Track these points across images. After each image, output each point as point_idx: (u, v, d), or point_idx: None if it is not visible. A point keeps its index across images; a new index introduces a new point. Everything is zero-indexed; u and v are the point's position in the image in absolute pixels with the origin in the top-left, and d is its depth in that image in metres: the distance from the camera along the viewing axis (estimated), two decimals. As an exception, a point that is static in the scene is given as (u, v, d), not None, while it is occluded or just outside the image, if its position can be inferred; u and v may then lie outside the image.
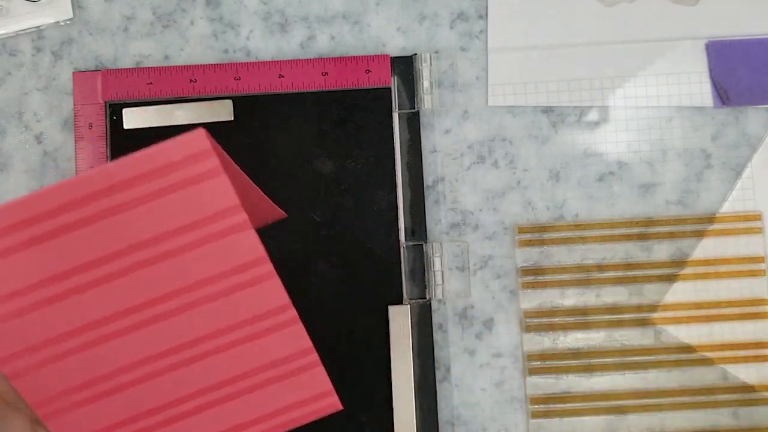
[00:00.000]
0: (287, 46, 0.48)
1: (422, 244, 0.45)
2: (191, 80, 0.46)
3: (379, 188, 0.46)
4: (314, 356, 0.32)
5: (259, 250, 0.31)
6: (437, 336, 0.46)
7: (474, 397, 0.46)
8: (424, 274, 0.45)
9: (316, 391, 0.33)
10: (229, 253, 0.31)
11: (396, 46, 0.48)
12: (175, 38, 0.48)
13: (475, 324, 0.46)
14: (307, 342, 0.32)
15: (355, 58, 0.46)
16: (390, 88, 0.46)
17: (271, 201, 0.38)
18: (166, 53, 0.47)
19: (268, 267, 0.31)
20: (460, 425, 0.46)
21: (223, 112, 0.46)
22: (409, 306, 0.45)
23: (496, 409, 0.46)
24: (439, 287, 0.45)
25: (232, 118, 0.46)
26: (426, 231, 0.46)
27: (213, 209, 0.30)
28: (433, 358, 0.45)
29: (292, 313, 0.32)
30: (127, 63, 0.47)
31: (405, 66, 0.46)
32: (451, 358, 0.46)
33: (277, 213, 0.40)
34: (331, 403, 0.33)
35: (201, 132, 0.29)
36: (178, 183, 0.30)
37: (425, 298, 0.45)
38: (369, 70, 0.46)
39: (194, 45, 0.47)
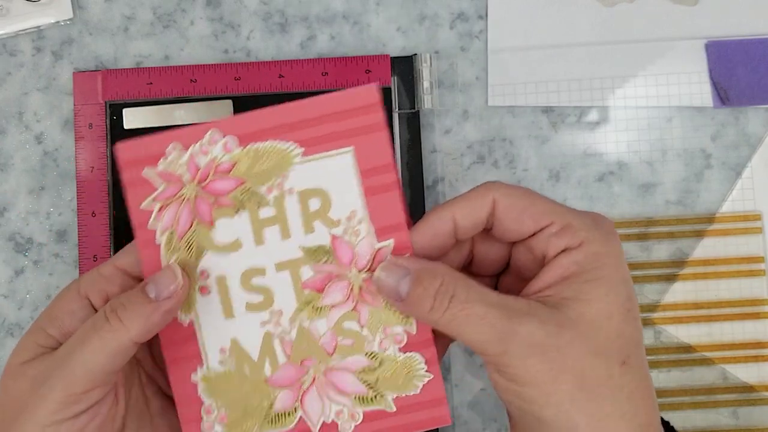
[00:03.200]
0: (287, 46, 0.48)
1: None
2: (191, 80, 0.46)
3: (379, 188, 0.46)
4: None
5: (401, 215, 0.33)
6: (437, 336, 0.46)
7: (474, 397, 0.46)
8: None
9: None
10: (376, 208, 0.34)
11: (396, 46, 0.48)
12: (175, 38, 0.48)
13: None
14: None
15: (355, 58, 0.46)
16: (390, 88, 0.46)
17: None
18: (166, 53, 0.47)
19: (405, 235, 0.33)
20: (460, 425, 0.46)
21: (223, 112, 0.46)
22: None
23: (496, 409, 0.46)
24: None
25: (233, 118, 0.46)
26: (426, 231, 0.46)
27: (371, 163, 0.33)
28: (433, 357, 0.45)
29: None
30: (127, 63, 0.47)
31: (405, 66, 0.46)
32: (451, 359, 0.46)
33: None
34: None
35: (373, 87, 0.32)
36: (349, 130, 0.33)
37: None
38: (369, 70, 0.46)
39: (194, 45, 0.47)
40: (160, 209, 0.33)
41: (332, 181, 0.33)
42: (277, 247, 0.34)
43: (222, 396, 0.34)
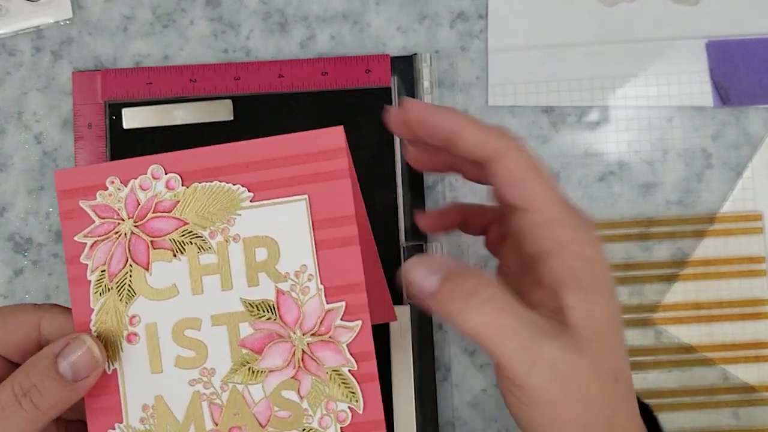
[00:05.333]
0: (287, 46, 0.47)
1: (422, 245, 0.45)
2: (191, 80, 0.46)
3: (379, 188, 0.46)
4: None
5: (359, 274, 0.30)
6: (437, 336, 0.46)
7: (474, 397, 0.46)
8: (424, 275, 0.45)
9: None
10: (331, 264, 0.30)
11: (396, 46, 0.48)
12: (174, 38, 0.47)
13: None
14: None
15: (355, 58, 0.46)
16: (390, 88, 0.46)
17: (388, 294, 0.36)
18: (165, 53, 0.47)
19: (363, 297, 0.30)
20: (460, 425, 0.46)
21: (222, 111, 0.46)
22: (409, 306, 0.45)
23: (496, 410, 0.46)
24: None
25: (232, 118, 0.46)
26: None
27: (328, 214, 0.30)
28: (433, 358, 0.45)
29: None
30: (126, 63, 0.47)
31: (405, 66, 0.46)
32: (451, 359, 0.46)
33: (390, 313, 0.37)
34: None
35: (338, 130, 0.29)
36: (305, 176, 0.30)
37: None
38: (369, 70, 0.46)
39: (194, 45, 0.47)
40: (93, 244, 0.31)
41: (282, 231, 0.30)
42: (215, 298, 0.30)
43: None
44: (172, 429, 0.31)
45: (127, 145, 0.45)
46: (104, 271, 0.31)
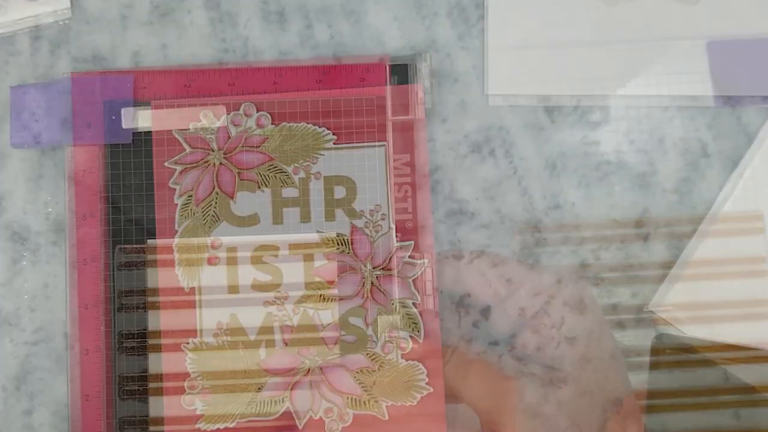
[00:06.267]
0: (285, 41, 0.47)
1: (413, 243, 0.45)
2: (188, 82, 0.46)
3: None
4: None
5: (428, 216, 0.34)
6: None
7: (472, 397, 0.46)
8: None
9: None
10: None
11: (395, 43, 0.48)
12: (172, 31, 0.47)
13: (471, 313, 0.46)
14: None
15: (353, 58, 0.46)
16: (389, 88, 0.46)
17: None
18: (163, 45, 0.47)
19: (429, 238, 0.34)
20: (458, 426, 0.46)
21: (219, 113, 0.46)
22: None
23: (495, 410, 0.46)
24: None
25: (230, 117, 0.46)
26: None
27: (403, 161, 0.33)
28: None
29: None
30: (125, 57, 0.47)
31: (403, 66, 0.46)
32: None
33: None
34: None
35: (419, 87, 0.34)
36: (386, 125, 0.33)
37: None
38: (368, 70, 0.46)
39: (192, 38, 0.47)
40: (183, 171, 0.33)
41: (360, 173, 0.33)
42: (294, 229, 0.33)
43: (210, 371, 0.33)
44: (244, 345, 0.33)
45: (126, 146, 0.45)
46: (191, 196, 0.33)
